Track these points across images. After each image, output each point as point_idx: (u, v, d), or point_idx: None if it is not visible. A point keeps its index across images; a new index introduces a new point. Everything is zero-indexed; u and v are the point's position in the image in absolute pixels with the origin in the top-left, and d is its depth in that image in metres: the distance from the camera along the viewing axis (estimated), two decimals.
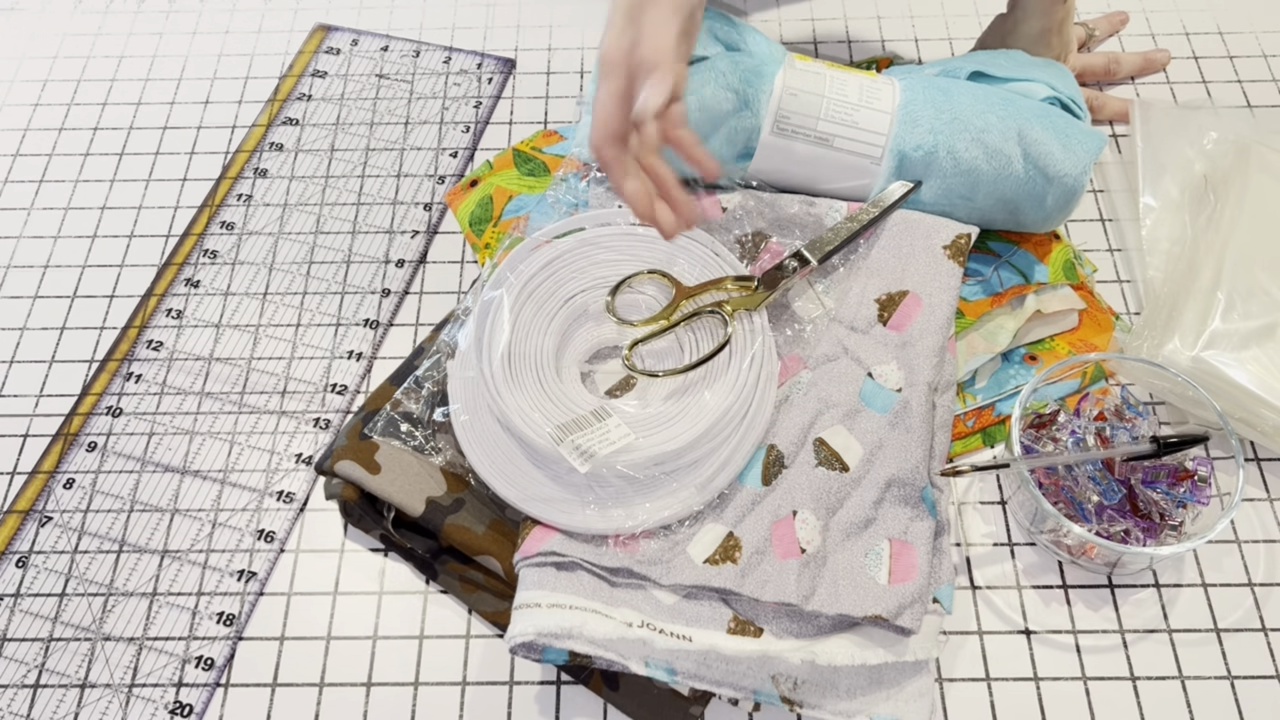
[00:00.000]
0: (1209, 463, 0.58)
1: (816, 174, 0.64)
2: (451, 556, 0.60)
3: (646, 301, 0.61)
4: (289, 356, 0.69)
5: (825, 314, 0.61)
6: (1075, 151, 0.62)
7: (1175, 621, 0.58)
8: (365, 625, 0.59)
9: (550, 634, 0.50)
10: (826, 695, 0.53)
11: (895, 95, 0.64)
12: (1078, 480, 0.57)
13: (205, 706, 0.57)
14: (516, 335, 0.58)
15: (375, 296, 0.71)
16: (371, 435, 0.59)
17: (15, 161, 0.79)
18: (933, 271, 0.62)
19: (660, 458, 0.53)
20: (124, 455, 0.65)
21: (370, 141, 0.79)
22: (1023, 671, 0.57)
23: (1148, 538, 0.56)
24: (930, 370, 0.59)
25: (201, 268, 0.73)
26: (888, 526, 0.55)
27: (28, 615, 0.60)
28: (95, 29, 0.87)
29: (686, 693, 0.54)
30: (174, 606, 0.60)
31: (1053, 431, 0.60)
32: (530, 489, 0.55)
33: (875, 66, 0.77)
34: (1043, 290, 0.65)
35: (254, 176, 0.77)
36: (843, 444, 0.57)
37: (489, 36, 0.85)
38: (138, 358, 0.69)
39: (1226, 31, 0.83)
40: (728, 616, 0.53)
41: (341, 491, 0.58)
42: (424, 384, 0.60)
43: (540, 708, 0.56)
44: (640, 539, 0.54)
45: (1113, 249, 0.72)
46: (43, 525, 0.63)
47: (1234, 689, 0.56)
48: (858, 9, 0.86)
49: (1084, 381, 0.64)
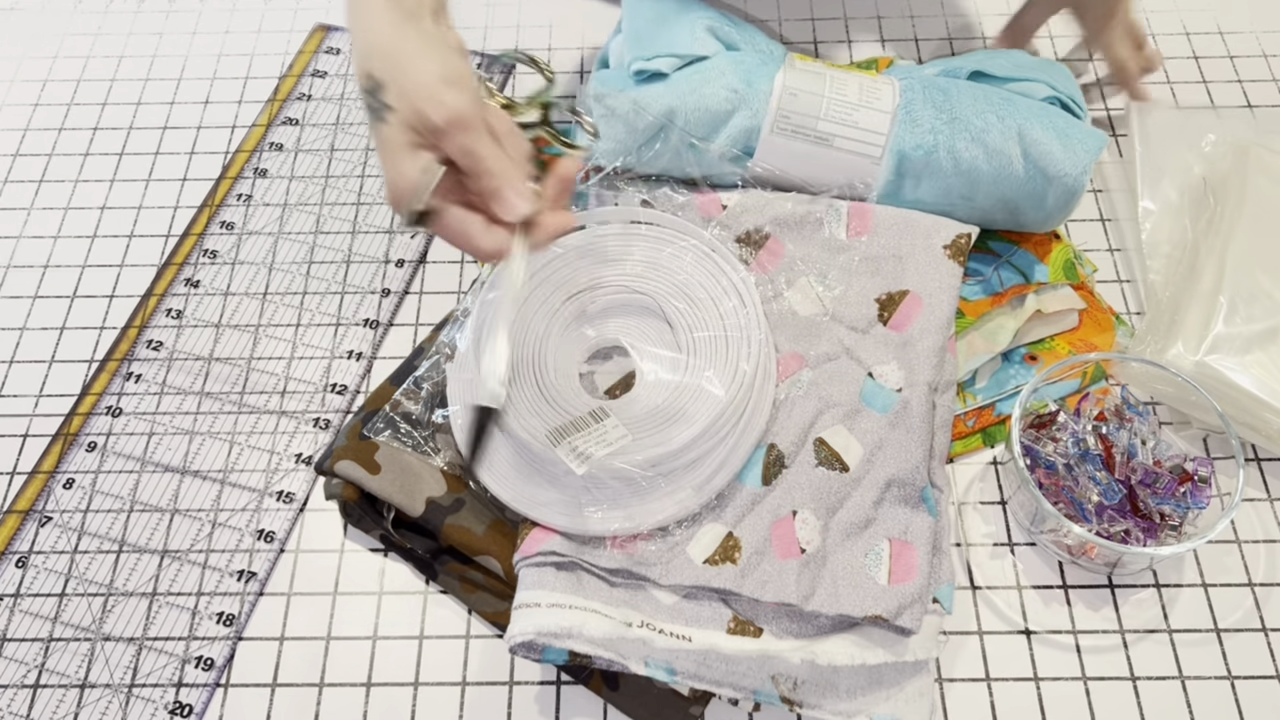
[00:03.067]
0: (1209, 463, 0.58)
1: (816, 173, 0.64)
2: (451, 556, 0.60)
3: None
4: (289, 356, 0.69)
5: (825, 313, 0.61)
6: (1075, 151, 0.62)
7: (1175, 621, 0.58)
8: (365, 625, 0.59)
9: (550, 634, 0.50)
10: (826, 695, 0.53)
11: (895, 95, 0.64)
12: (1078, 480, 0.58)
13: (205, 706, 0.57)
14: (515, 337, 0.58)
15: (375, 296, 0.71)
16: (371, 435, 0.59)
17: (15, 161, 0.79)
18: (933, 271, 0.62)
19: (658, 458, 0.53)
20: (124, 455, 0.65)
21: (370, 141, 0.79)
22: (1023, 671, 0.57)
23: (1148, 538, 0.56)
24: (930, 370, 0.59)
25: (201, 268, 0.73)
26: (888, 526, 0.55)
27: (28, 615, 0.60)
28: (95, 29, 0.87)
29: (686, 693, 0.54)
30: (174, 606, 0.60)
31: (1053, 431, 0.60)
32: (528, 492, 0.55)
33: (875, 66, 0.77)
34: (1043, 290, 0.65)
35: (254, 176, 0.77)
36: (843, 444, 0.57)
37: (489, 36, 0.85)
38: (138, 358, 0.69)
39: (1226, 31, 0.83)
40: (727, 616, 0.53)
41: (341, 491, 0.58)
42: (423, 385, 0.60)
43: (540, 708, 0.56)
44: (638, 540, 0.54)
45: (1113, 249, 0.72)
46: (43, 525, 0.63)
47: (1234, 689, 0.56)
48: (858, 9, 0.86)
49: (1084, 381, 0.64)
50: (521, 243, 0.49)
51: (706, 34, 0.64)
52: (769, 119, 0.63)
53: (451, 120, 0.46)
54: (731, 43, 0.65)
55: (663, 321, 0.60)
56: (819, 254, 0.63)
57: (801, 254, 0.63)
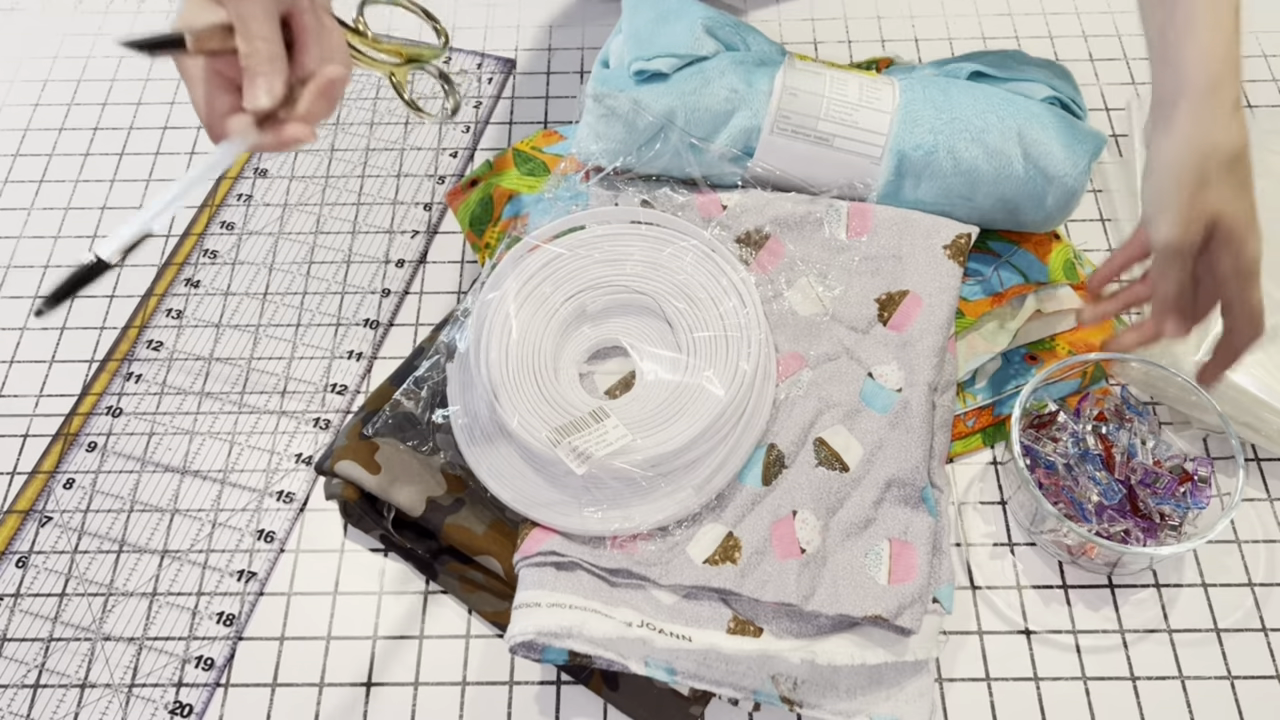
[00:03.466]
0: (1209, 463, 0.58)
1: (816, 173, 0.64)
2: (451, 556, 0.60)
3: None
4: (289, 356, 0.69)
5: (825, 313, 0.61)
6: (1075, 151, 0.62)
7: (1175, 621, 0.58)
8: (365, 625, 0.59)
9: (550, 633, 0.50)
10: (826, 695, 0.53)
11: (895, 95, 0.64)
12: (1078, 480, 0.58)
13: (205, 706, 0.57)
14: (515, 337, 0.58)
15: (375, 296, 0.71)
16: (371, 435, 0.59)
17: (15, 161, 0.79)
18: (933, 271, 0.62)
19: (658, 458, 0.53)
20: (124, 455, 0.65)
21: (370, 141, 0.79)
22: (1023, 671, 0.57)
23: (1147, 538, 0.56)
24: (930, 370, 0.59)
25: (201, 268, 0.73)
26: (888, 526, 0.55)
27: (28, 615, 0.60)
28: (95, 29, 0.87)
29: (686, 693, 0.54)
30: (174, 606, 0.60)
31: (1053, 431, 0.60)
32: (528, 492, 0.55)
33: (875, 66, 0.76)
34: (1043, 290, 0.65)
35: (254, 176, 0.77)
36: (843, 444, 0.57)
37: (489, 36, 0.85)
38: (138, 358, 0.69)
39: None
40: (727, 616, 0.53)
41: (341, 491, 0.58)
42: (423, 385, 0.60)
43: (540, 708, 0.56)
44: (638, 540, 0.54)
45: (1113, 249, 0.72)
46: (43, 525, 0.63)
47: (1234, 689, 0.56)
48: (858, 9, 0.86)
49: (1084, 381, 0.64)
50: (249, 133, 0.47)
51: (706, 34, 0.64)
52: (769, 119, 0.63)
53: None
54: (731, 43, 0.65)
55: (663, 321, 0.60)
56: (819, 254, 0.63)
57: (801, 254, 0.63)
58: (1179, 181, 0.50)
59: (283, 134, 0.47)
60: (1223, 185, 0.50)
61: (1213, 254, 0.51)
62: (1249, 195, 0.50)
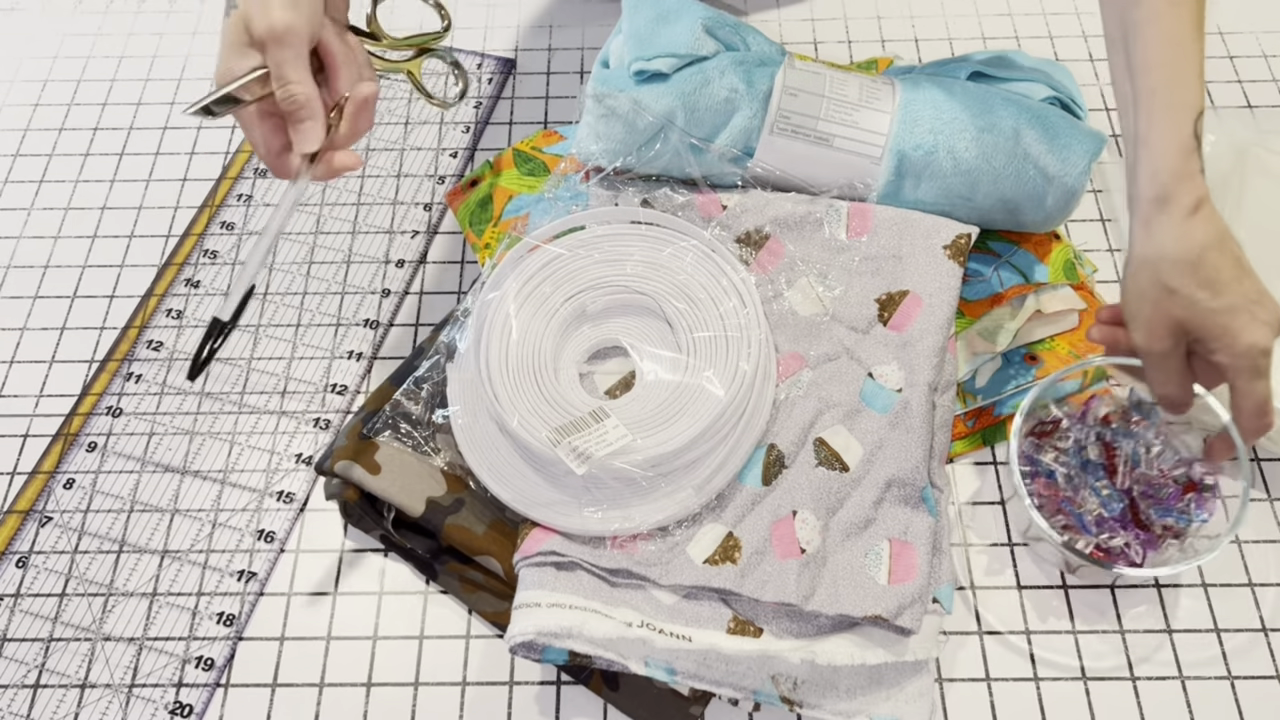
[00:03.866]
0: (1216, 470, 0.57)
1: (816, 173, 0.64)
2: (451, 556, 0.60)
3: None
4: (289, 356, 0.69)
5: (825, 313, 0.61)
6: (1075, 152, 0.62)
7: (1175, 621, 0.58)
8: (365, 625, 0.59)
9: (550, 634, 0.51)
10: (826, 695, 0.53)
11: (895, 95, 0.64)
12: (1077, 490, 0.57)
13: (205, 707, 0.57)
14: (515, 337, 0.58)
15: (375, 296, 0.71)
16: (371, 435, 0.59)
17: (15, 161, 0.79)
18: (933, 271, 0.62)
19: (658, 458, 0.53)
20: (124, 455, 0.65)
21: (370, 142, 0.79)
22: (1023, 671, 0.57)
23: (1148, 549, 0.56)
24: (930, 370, 0.59)
25: (201, 268, 0.73)
26: (888, 526, 0.55)
27: (28, 615, 0.60)
28: (95, 29, 0.87)
29: (686, 693, 0.54)
30: (174, 606, 0.60)
31: (1055, 440, 0.59)
32: (528, 492, 0.55)
33: (875, 67, 0.77)
34: (1043, 290, 0.65)
35: (254, 176, 0.77)
36: (843, 444, 0.57)
37: (489, 36, 0.85)
38: (138, 358, 0.69)
39: (1226, 31, 0.83)
40: (727, 616, 0.53)
41: (341, 492, 0.58)
42: (423, 385, 0.60)
43: (540, 708, 0.56)
44: (638, 540, 0.54)
45: (1113, 249, 0.72)
46: (43, 525, 0.63)
47: (1234, 689, 0.56)
48: (858, 9, 0.86)
49: (1085, 381, 0.64)
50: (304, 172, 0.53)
51: (706, 34, 0.64)
52: (769, 119, 0.63)
53: (268, 34, 0.49)
54: (731, 43, 0.65)
55: (663, 321, 0.60)
56: (819, 254, 0.63)
57: (801, 254, 0.63)
58: (1140, 293, 0.52)
59: (332, 165, 0.53)
60: (1188, 290, 0.50)
61: (1205, 348, 0.51)
62: (1227, 293, 0.49)
